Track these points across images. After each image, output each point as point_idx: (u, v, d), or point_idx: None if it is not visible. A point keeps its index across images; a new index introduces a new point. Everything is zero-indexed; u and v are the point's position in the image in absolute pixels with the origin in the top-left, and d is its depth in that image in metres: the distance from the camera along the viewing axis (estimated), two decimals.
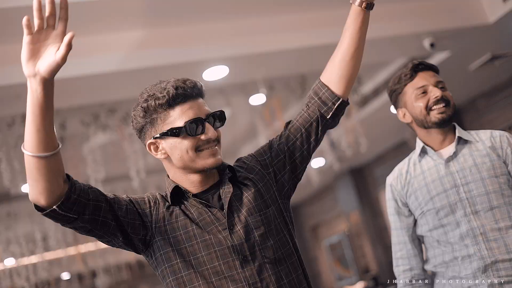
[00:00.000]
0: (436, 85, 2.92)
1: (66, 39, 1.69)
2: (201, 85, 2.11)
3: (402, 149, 9.86)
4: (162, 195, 2.11)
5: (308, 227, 13.99)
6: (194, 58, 5.49)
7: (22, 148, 1.76)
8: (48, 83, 1.71)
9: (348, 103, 2.27)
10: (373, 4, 2.22)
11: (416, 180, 2.87)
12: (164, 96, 2.03)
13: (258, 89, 6.66)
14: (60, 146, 1.79)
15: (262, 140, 8.25)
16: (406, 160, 3.00)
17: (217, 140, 2.08)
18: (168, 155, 2.07)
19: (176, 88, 2.04)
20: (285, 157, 2.21)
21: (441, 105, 2.88)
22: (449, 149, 2.90)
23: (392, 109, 3.08)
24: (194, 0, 5.12)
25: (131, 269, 13.40)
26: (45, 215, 1.79)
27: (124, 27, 5.28)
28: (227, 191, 2.08)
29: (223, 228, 2.01)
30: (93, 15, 5.02)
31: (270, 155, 2.22)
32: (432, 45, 6.38)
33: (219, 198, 2.08)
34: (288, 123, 2.27)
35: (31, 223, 9.62)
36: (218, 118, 2.11)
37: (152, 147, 2.09)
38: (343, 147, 8.50)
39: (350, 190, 12.06)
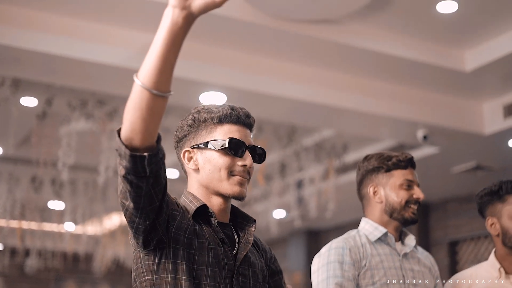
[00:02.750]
0: (418, 186, 2.93)
1: None
2: (254, 120, 2.12)
3: None
4: (182, 205, 2.04)
5: None
6: (196, 76, 5.50)
7: (136, 79, 1.65)
8: (192, 20, 1.63)
9: None
10: None
11: (374, 260, 2.81)
12: (219, 111, 2.04)
13: None
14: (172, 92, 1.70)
15: None
16: (354, 234, 2.93)
17: (250, 174, 2.06)
18: (198, 168, 2.04)
19: (232, 109, 2.05)
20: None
21: (416, 207, 2.89)
22: (402, 247, 2.92)
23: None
24: (212, 22, 5.14)
25: (65, 260, 13.14)
26: (131, 156, 1.67)
27: (139, 27, 5.29)
28: (248, 238, 2.07)
29: (229, 268, 1.97)
30: (114, 6, 5.03)
31: (271, 264, 2.26)
32: (425, 137, 6.44)
33: (230, 238, 2.05)
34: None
35: None
36: (259, 154, 2.10)
37: (186, 155, 2.06)
38: (309, 207, 8.50)
39: (300, 250, 12.03)
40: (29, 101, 6.61)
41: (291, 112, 6.37)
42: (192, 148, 2.05)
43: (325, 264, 2.80)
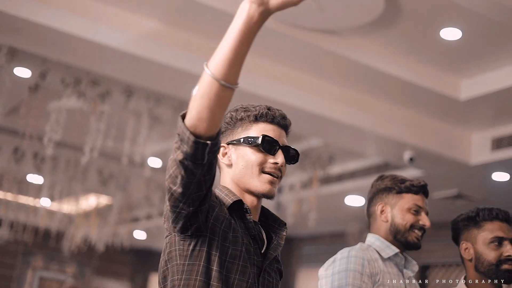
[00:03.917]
0: (427, 214, 2.95)
1: None
2: (290, 123, 2.17)
3: (337, 239, 9.90)
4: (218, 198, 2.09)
5: None
6: (194, 70, 5.49)
7: (206, 68, 1.68)
8: (267, 16, 1.67)
9: None
10: None
11: (385, 276, 2.83)
12: (255, 110, 2.10)
13: None
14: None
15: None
16: (366, 247, 2.92)
17: (281, 172, 2.10)
18: (231, 164, 2.10)
19: (268, 109, 2.11)
20: None
21: (421, 232, 2.92)
22: (405, 270, 2.94)
23: (349, 200, 3.07)
24: (214, 18, 5.13)
25: (35, 235, 13.04)
26: (195, 142, 1.71)
27: (143, 12, 5.28)
28: (280, 241, 2.11)
29: (258, 265, 2.03)
30: None
31: None
32: (411, 159, 6.47)
33: (258, 236, 2.08)
34: None
35: None
36: (292, 155, 2.14)
37: (221, 151, 2.10)
38: (286, 213, 8.50)
39: None
40: (23, 72, 6.57)
41: None
42: (227, 144, 2.11)
43: (343, 270, 2.77)
